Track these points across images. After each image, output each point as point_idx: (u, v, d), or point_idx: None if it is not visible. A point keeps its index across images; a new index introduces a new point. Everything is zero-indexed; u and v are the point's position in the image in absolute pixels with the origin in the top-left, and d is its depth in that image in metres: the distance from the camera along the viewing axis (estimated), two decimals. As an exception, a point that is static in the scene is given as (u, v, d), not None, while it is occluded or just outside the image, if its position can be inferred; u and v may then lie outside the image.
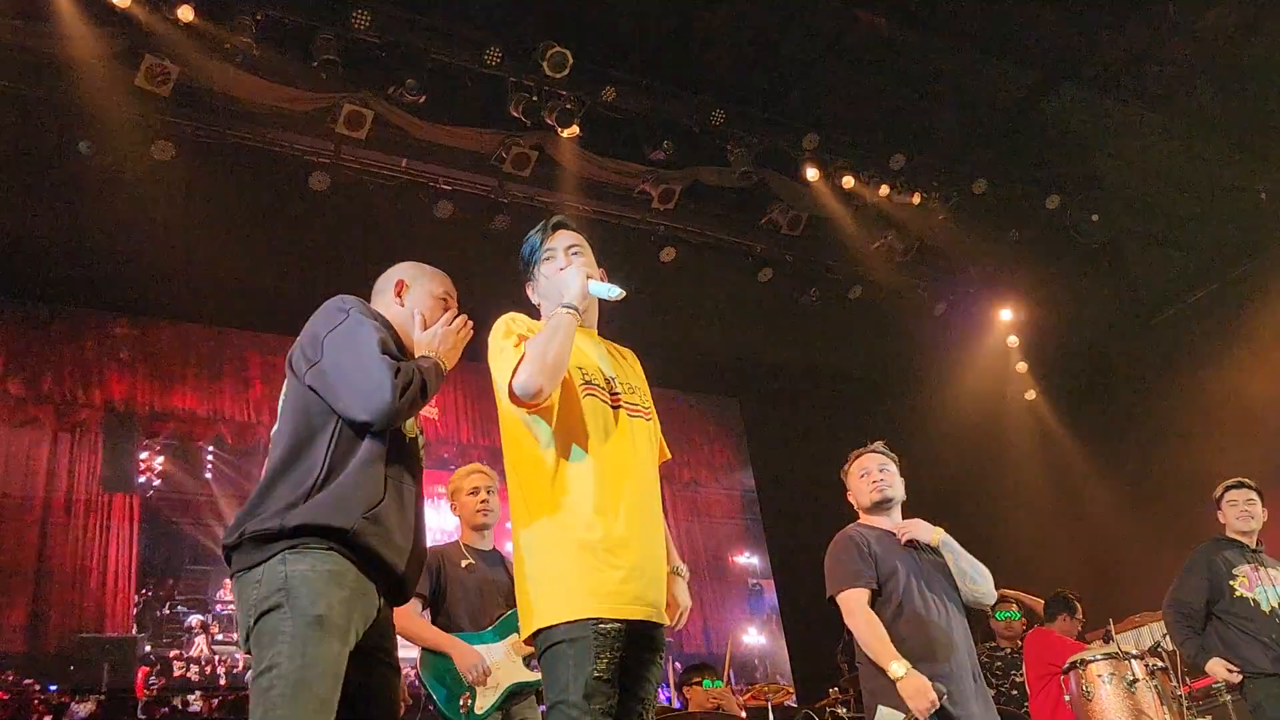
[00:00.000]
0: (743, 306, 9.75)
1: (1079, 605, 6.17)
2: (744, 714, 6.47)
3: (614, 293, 2.92)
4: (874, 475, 4.24)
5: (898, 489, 4.22)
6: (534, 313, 3.16)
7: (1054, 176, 9.58)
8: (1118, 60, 9.01)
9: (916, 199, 9.01)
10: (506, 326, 2.93)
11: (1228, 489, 5.32)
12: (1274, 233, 9.39)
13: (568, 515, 2.71)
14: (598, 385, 2.95)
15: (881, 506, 4.18)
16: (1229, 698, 6.20)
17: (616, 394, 2.99)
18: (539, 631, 2.66)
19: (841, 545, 4.13)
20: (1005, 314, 10.37)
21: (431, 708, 4.33)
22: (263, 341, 8.51)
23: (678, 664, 8.58)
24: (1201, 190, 9.83)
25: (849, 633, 5.75)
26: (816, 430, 9.96)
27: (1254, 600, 4.99)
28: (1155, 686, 5.41)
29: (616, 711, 2.60)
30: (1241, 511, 5.24)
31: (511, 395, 2.71)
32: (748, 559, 9.74)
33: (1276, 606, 4.97)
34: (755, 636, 9.35)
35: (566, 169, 8.03)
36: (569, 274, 2.94)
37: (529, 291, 3.16)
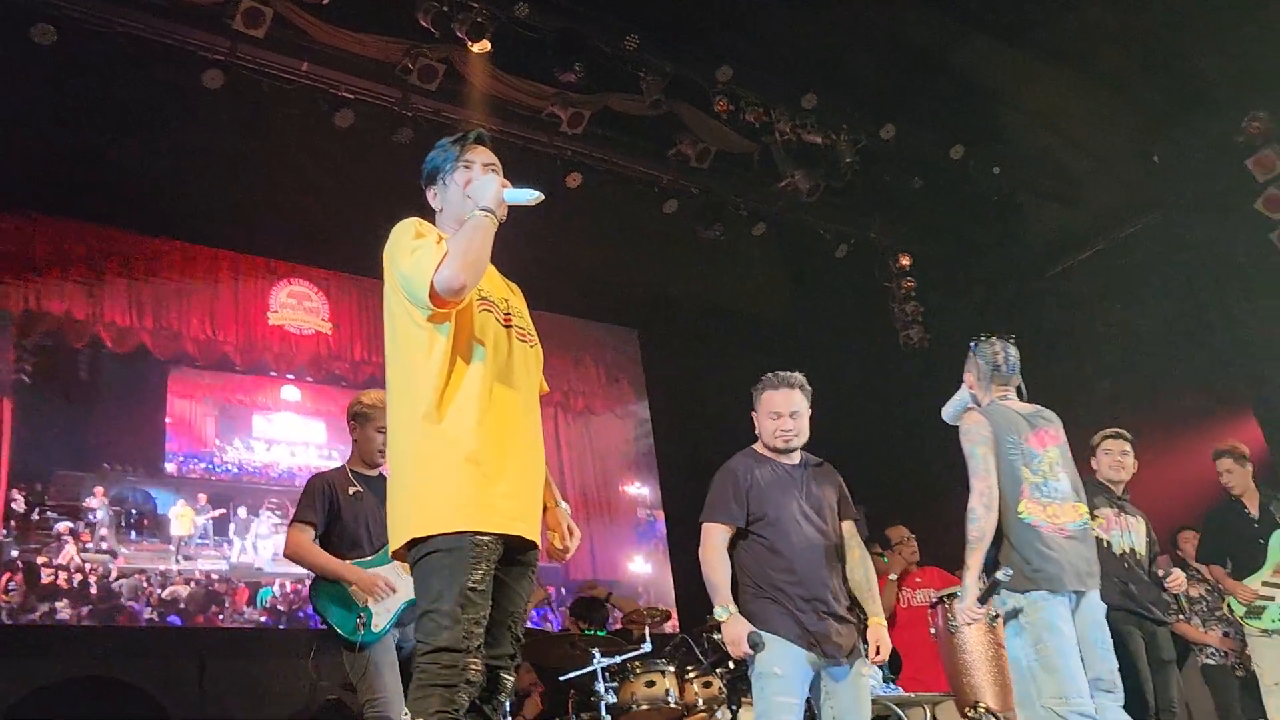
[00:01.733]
0: (647, 237, 9.72)
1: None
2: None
3: (530, 196, 2.86)
4: (785, 422, 4.20)
5: (804, 437, 4.19)
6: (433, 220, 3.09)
7: (960, 126, 9.69)
8: (1031, 14, 9.10)
9: (825, 139, 9.05)
10: (416, 229, 2.87)
11: (1105, 438, 5.52)
12: (1164, 195, 9.67)
13: (452, 428, 2.69)
14: (494, 303, 2.92)
15: (781, 454, 4.19)
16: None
17: (509, 315, 2.96)
18: (415, 542, 2.64)
19: (720, 476, 4.19)
20: (904, 259, 10.52)
21: (328, 634, 4.40)
22: (147, 244, 8.19)
23: (563, 589, 8.66)
24: (1099, 149, 10.06)
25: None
26: (714, 365, 10.03)
27: (1108, 542, 5.23)
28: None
29: (487, 624, 2.63)
30: (1115, 461, 5.46)
31: (433, 293, 2.66)
32: (639, 489, 9.82)
33: (1128, 551, 5.23)
34: (642, 565, 9.47)
35: (474, 85, 7.84)
36: (486, 179, 2.90)
37: (430, 197, 3.08)
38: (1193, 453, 8.98)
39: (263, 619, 7.81)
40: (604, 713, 5.41)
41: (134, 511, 7.61)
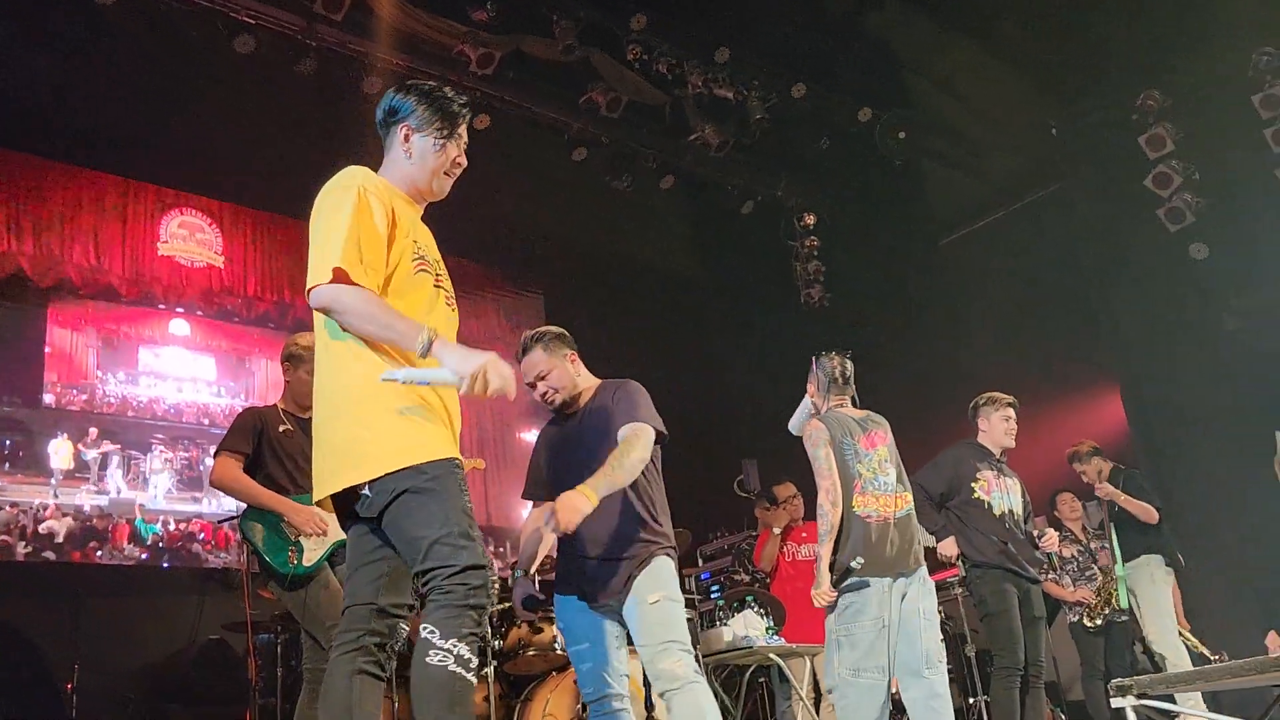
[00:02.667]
0: (553, 185, 9.63)
1: None
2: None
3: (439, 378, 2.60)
4: (539, 388, 4.05)
5: (565, 390, 4.01)
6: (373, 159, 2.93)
7: (869, 90, 9.79)
8: (944, -18, 9.22)
9: (736, 95, 9.06)
10: (358, 197, 2.68)
11: (1004, 405, 5.68)
12: (1061, 166, 9.94)
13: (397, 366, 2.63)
14: (429, 263, 2.85)
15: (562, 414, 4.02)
16: (960, 590, 6.77)
17: (440, 276, 2.90)
18: (397, 472, 2.55)
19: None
20: (809, 218, 10.63)
21: (258, 564, 4.40)
22: (30, 164, 7.82)
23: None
24: (1000, 120, 10.27)
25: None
26: (616, 317, 10.05)
27: (988, 503, 5.44)
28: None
29: (390, 573, 2.70)
30: (1010, 428, 5.65)
31: (309, 294, 2.60)
32: (534, 436, 9.78)
33: (1006, 512, 5.45)
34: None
35: (382, 18, 7.63)
36: (480, 359, 2.59)
37: (399, 131, 2.88)
38: (1069, 420, 9.35)
39: (143, 556, 7.63)
40: (489, 658, 5.43)
41: (8, 442, 7.34)
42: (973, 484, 5.49)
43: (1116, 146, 9.21)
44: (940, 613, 7.04)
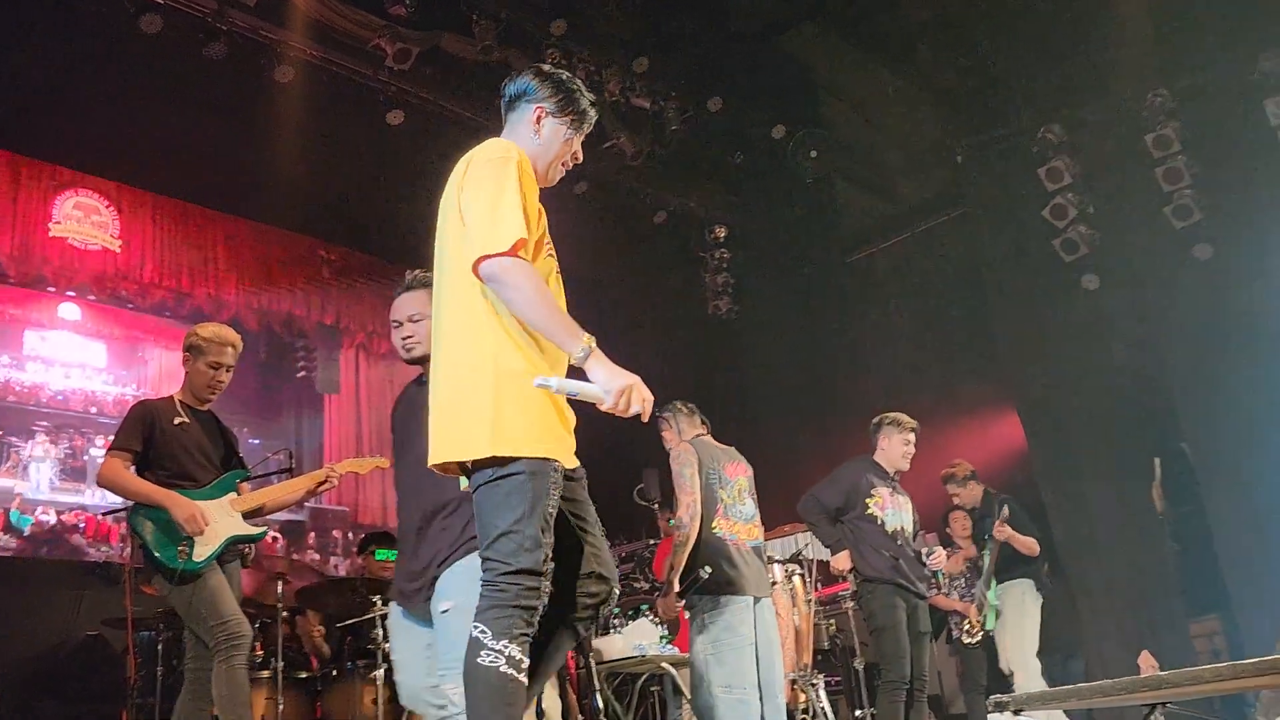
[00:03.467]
0: (467, 184, 9.56)
1: None
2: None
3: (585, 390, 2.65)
4: (405, 329, 3.60)
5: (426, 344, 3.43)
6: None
7: (784, 108, 9.94)
8: (861, 8, 9.41)
9: (653, 105, 9.11)
10: (519, 170, 2.71)
11: (907, 429, 5.81)
12: (965, 192, 10.20)
13: (537, 361, 2.65)
14: (552, 246, 2.86)
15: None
16: (850, 604, 6.90)
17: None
18: (494, 457, 2.54)
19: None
20: (720, 231, 10.74)
21: (144, 559, 4.31)
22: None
23: (350, 533, 8.51)
24: (910, 144, 10.51)
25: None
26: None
27: (882, 520, 5.57)
28: (791, 590, 5.94)
29: (577, 548, 2.80)
30: (907, 453, 5.79)
31: (479, 263, 2.58)
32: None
33: (898, 529, 5.59)
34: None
35: (297, 6, 7.50)
36: (628, 379, 2.64)
37: (530, 114, 2.95)
38: (967, 439, 9.60)
39: (18, 547, 7.35)
40: (381, 660, 5.35)
41: (-123, 424, 7.03)
42: (868, 499, 5.61)
43: (1018, 177, 9.48)
44: (831, 625, 7.20)
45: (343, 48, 8.00)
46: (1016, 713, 2.82)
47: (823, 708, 6.09)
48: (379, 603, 5.44)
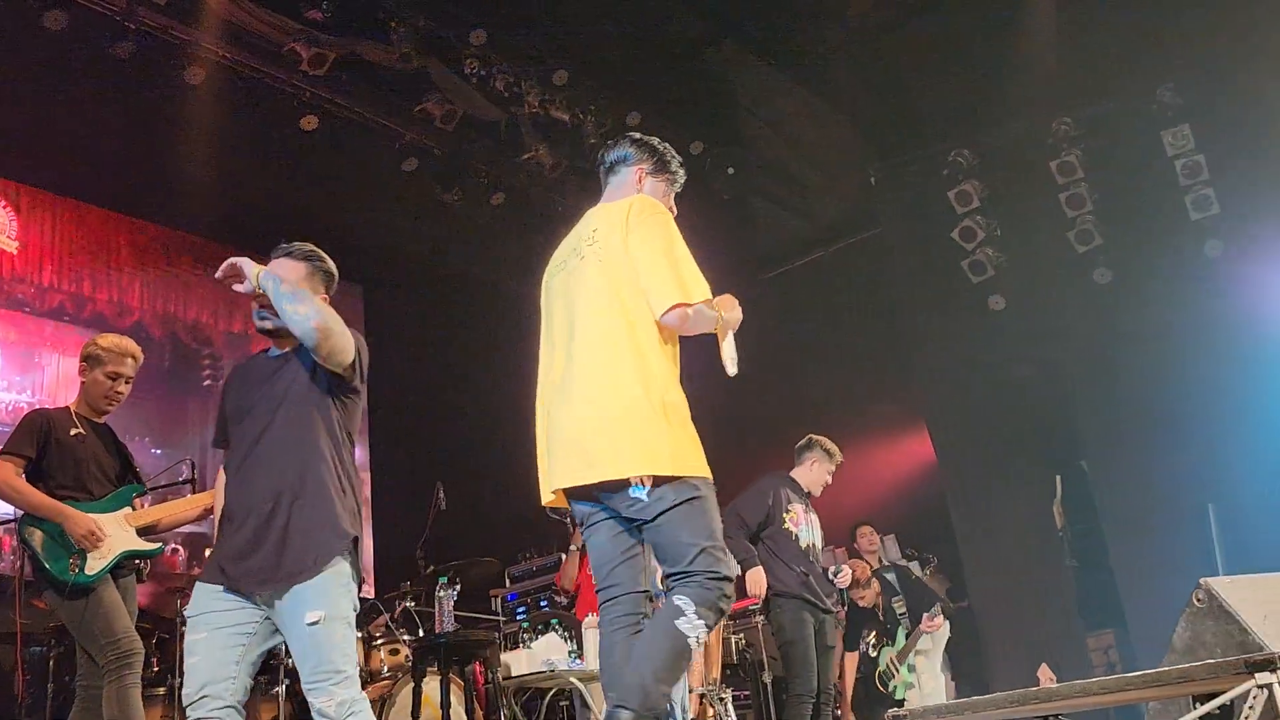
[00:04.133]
0: (381, 192, 9.45)
1: None
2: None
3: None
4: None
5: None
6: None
7: (702, 124, 10.01)
8: (780, 28, 9.53)
9: (572, 118, 9.11)
10: (672, 235, 3.17)
11: (836, 463, 5.90)
12: (878, 213, 10.39)
13: (681, 392, 3.07)
14: None
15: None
16: (760, 618, 6.96)
17: None
18: (684, 479, 2.85)
19: None
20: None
21: (34, 572, 4.18)
22: None
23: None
24: (825, 164, 10.68)
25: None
26: (439, 325, 9.92)
27: (796, 535, 5.64)
28: (700, 605, 5.95)
29: None
30: (826, 482, 5.91)
31: (666, 312, 2.99)
32: (348, 448, 9.55)
33: (810, 545, 5.67)
34: (344, 526, 9.23)
35: (209, 7, 7.35)
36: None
37: (653, 177, 3.41)
38: (878, 455, 9.77)
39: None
40: (283, 675, 5.24)
41: None
42: (784, 514, 5.67)
43: (929, 199, 9.68)
44: (740, 640, 7.25)
45: (256, 50, 7.86)
46: (914, 726, 2.87)
47: (730, 721, 6.13)
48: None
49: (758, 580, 5.68)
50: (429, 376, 9.65)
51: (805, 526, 5.75)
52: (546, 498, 3.11)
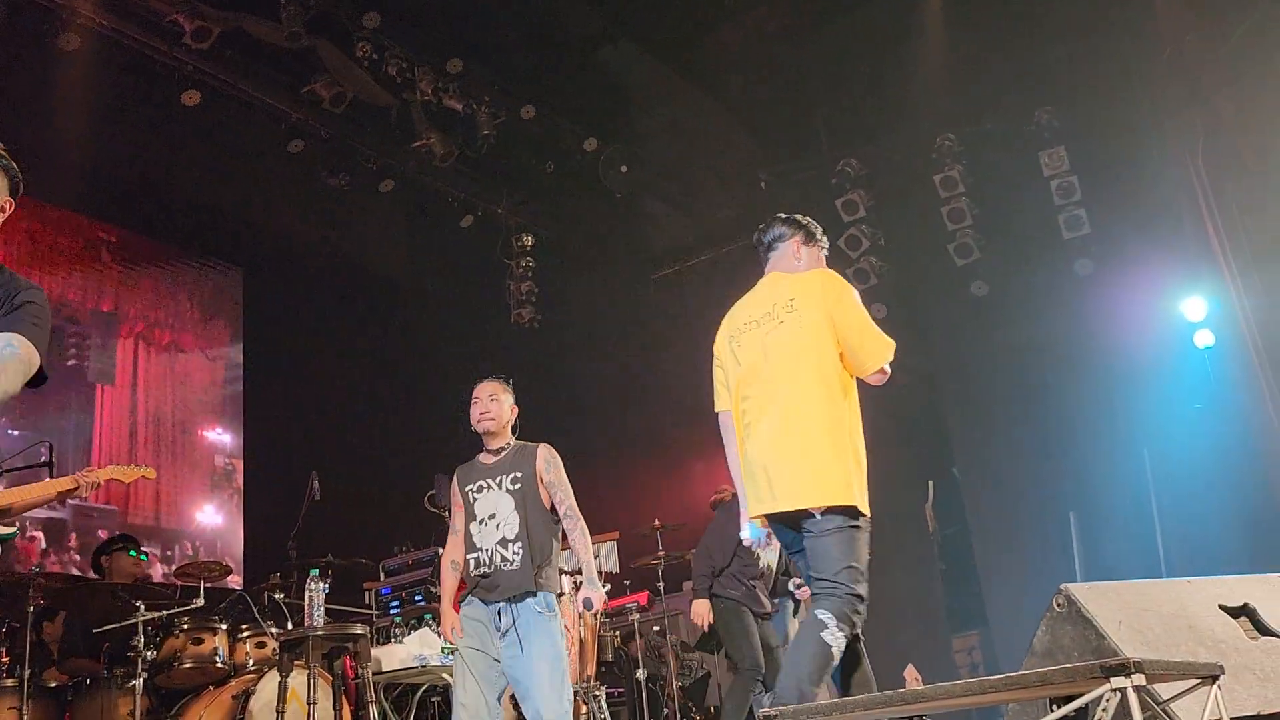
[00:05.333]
0: (265, 174, 9.17)
1: None
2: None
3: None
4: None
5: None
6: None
7: (597, 121, 10.00)
8: (678, 29, 9.58)
9: (466, 108, 9.00)
10: (863, 306, 3.72)
11: None
12: (768, 218, 10.49)
13: (862, 437, 3.67)
14: None
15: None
16: (636, 616, 7.00)
17: None
18: (843, 506, 3.46)
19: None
20: (527, 239, 10.69)
21: None
22: None
23: (102, 531, 7.96)
24: (717, 167, 10.77)
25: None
26: (320, 312, 9.67)
27: (758, 555, 5.73)
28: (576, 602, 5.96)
29: None
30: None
31: (875, 372, 3.66)
32: (219, 435, 9.24)
33: (768, 566, 5.97)
34: (213, 515, 8.94)
35: (87, -29, 7.04)
36: None
37: (810, 248, 3.94)
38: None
39: None
40: (140, 669, 5.05)
41: None
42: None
43: (816, 206, 9.81)
44: (616, 637, 7.26)
45: (136, 20, 7.56)
46: (784, 724, 2.90)
47: (604, 718, 6.13)
48: (142, 608, 5.13)
49: (700, 612, 6.12)
50: (308, 364, 9.40)
51: (768, 549, 5.80)
52: (753, 512, 3.67)
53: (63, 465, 5.51)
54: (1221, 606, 3.50)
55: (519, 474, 4.27)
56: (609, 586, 6.64)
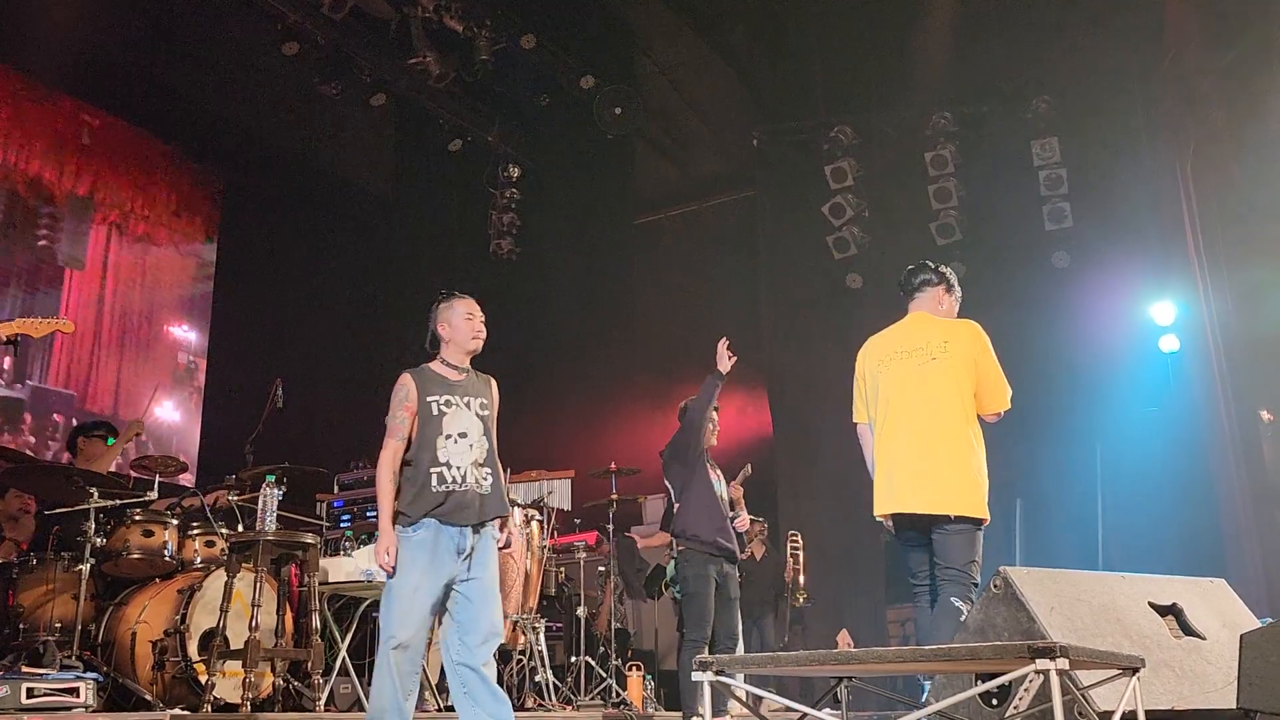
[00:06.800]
0: (257, 74, 9.05)
1: None
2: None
3: None
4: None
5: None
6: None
7: (597, 59, 9.91)
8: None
9: (466, 30, 8.89)
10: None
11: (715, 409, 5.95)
12: (756, 175, 10.52)
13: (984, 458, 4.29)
14: None
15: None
16: (583, 555, 7.09)
17: None
18: (978, 520, 4.16)
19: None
20: (514, 170, 10.62)
21: None
22: None
23: (74, 419, 7.95)
24: (711, 119, 10.73)
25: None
26: (298, 219, 9.59)
27: (714, 485, 5.66)
28: (527, 534, 6.02)
29: None
30: (714, 427, 5.91)
31: (998, 411, 4.38)
32: (185, 333, 9.18)
33: (721, 498, 5.69)
34: (171, 411, 8.92)
35: None
36: None
37: (944, 294, 4.62)
38: (720, 414, 9.93)
39: None
40: (88, 554, 5.06)
41: None
42: (708, 464, 5.70)
43: (806, 171, 9.85)
44: (560, 573, 7.35)
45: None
46: (719, 673, 2.96)
47: (540, 651, 6.23)
48: (95, 494, 5.13)
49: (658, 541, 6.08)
50: (281, 271, 9.35)
51: (718, 481, 5.77)
52: (882, 511, 4.30)
53: (25, 342, 5.47)
54: (1151, 604, 3.61)
55: (484, 400, 4.13)
56: (557, 525, 6.72)
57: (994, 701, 3.33)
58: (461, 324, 4.11)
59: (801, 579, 8.17)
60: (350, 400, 8.89)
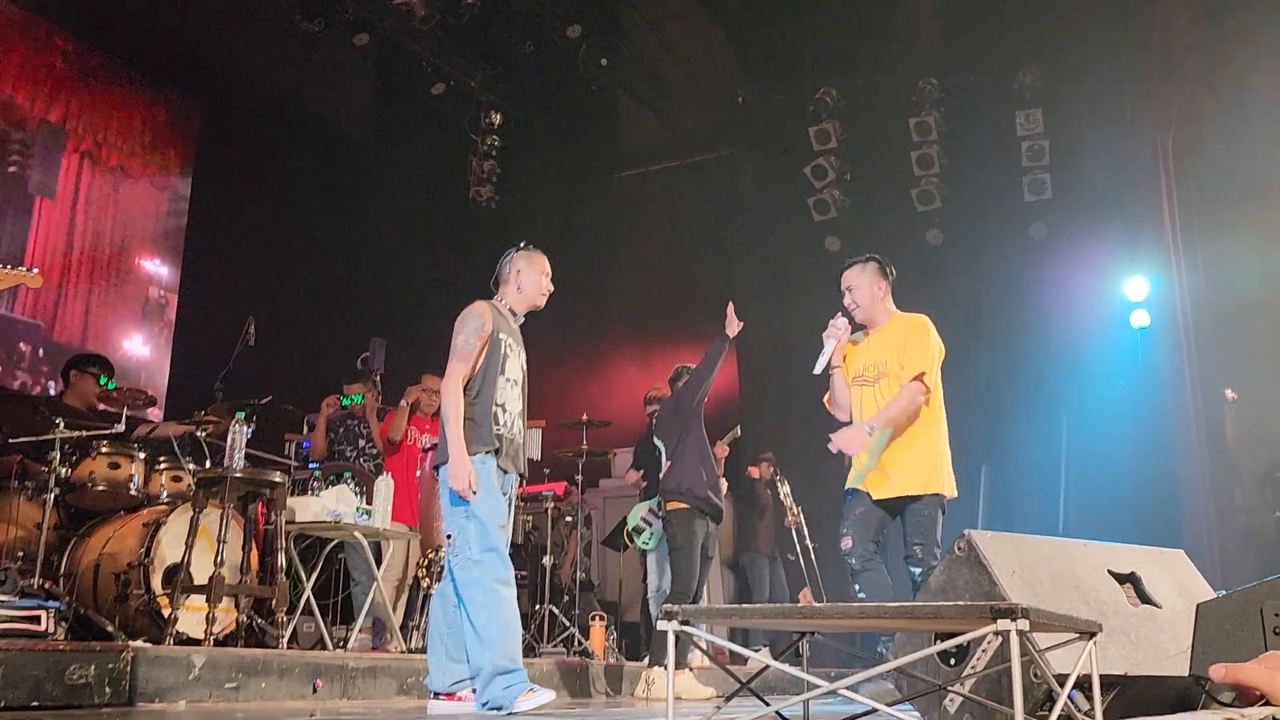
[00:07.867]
0: (234, 8, 8.86)
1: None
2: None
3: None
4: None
5: None
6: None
7: (584, 10, 9.80)
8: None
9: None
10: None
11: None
12: (739, 133, 10.47)
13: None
14: None
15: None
16: (551, 505, 7.12)
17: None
18: (936, 493, 4.38)
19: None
20: (495, 117, 10.52)
21: None
22: None
23: (41, 349, 7.86)
24: (697, 75, 10.65)
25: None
26: (274, 157, 9.45)
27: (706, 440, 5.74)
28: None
29: None
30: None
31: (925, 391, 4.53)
32: (157, 267, 9.05)
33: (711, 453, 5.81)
34: (140, 346, 8.82)
35: None
36: None
37: (867, 278, 4.80)
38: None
39: None
40: (53, 484, 5.03)
41: None
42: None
43: (790, 131, 9.81)
44: (528, 522, 7.38)
45: None
46: (684, 623, 2.99)
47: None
48: (61, 425, 5.09)
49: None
50: (256, 208, 9.22)
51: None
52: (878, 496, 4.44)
53: (-7, 271, 5.38)
54: (1110, 571, 3.66)
55: (525, 356, 4.16)
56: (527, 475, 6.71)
57: (951, 661, 3.38)
58: (538, 280, 4.13)
59: (805, 529, 8.26)
60: (321, 341, 8.84)
